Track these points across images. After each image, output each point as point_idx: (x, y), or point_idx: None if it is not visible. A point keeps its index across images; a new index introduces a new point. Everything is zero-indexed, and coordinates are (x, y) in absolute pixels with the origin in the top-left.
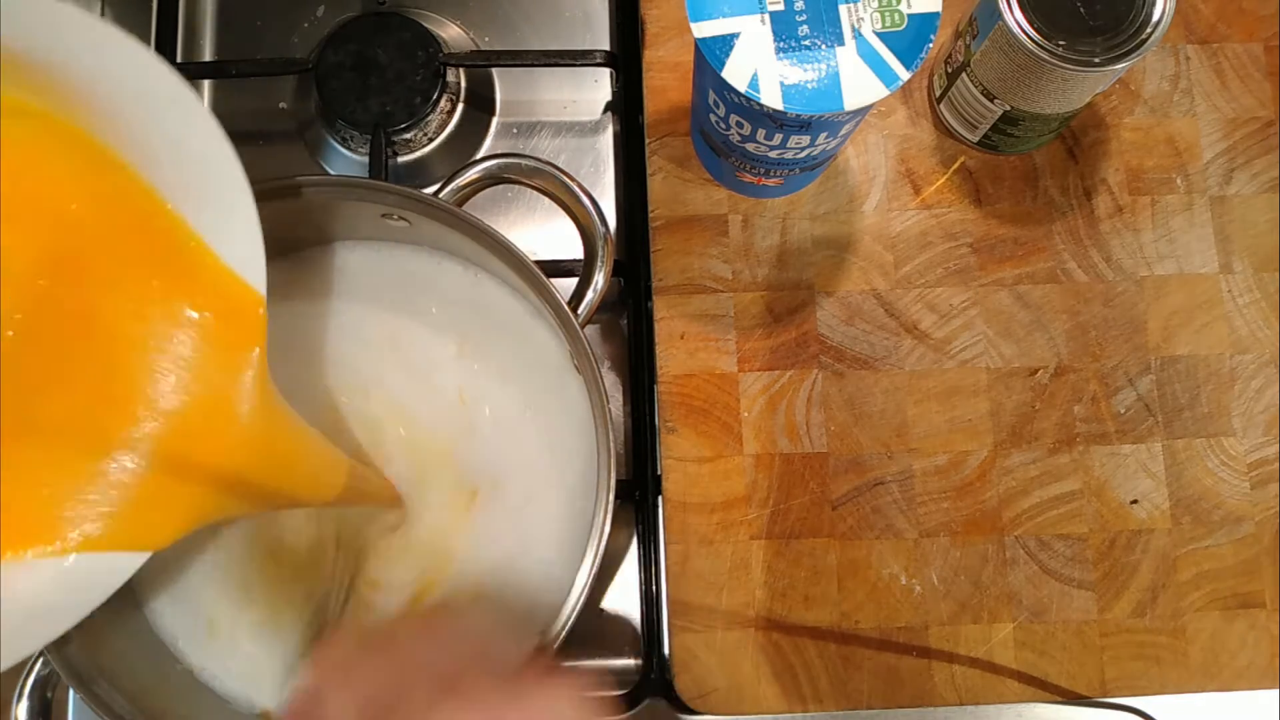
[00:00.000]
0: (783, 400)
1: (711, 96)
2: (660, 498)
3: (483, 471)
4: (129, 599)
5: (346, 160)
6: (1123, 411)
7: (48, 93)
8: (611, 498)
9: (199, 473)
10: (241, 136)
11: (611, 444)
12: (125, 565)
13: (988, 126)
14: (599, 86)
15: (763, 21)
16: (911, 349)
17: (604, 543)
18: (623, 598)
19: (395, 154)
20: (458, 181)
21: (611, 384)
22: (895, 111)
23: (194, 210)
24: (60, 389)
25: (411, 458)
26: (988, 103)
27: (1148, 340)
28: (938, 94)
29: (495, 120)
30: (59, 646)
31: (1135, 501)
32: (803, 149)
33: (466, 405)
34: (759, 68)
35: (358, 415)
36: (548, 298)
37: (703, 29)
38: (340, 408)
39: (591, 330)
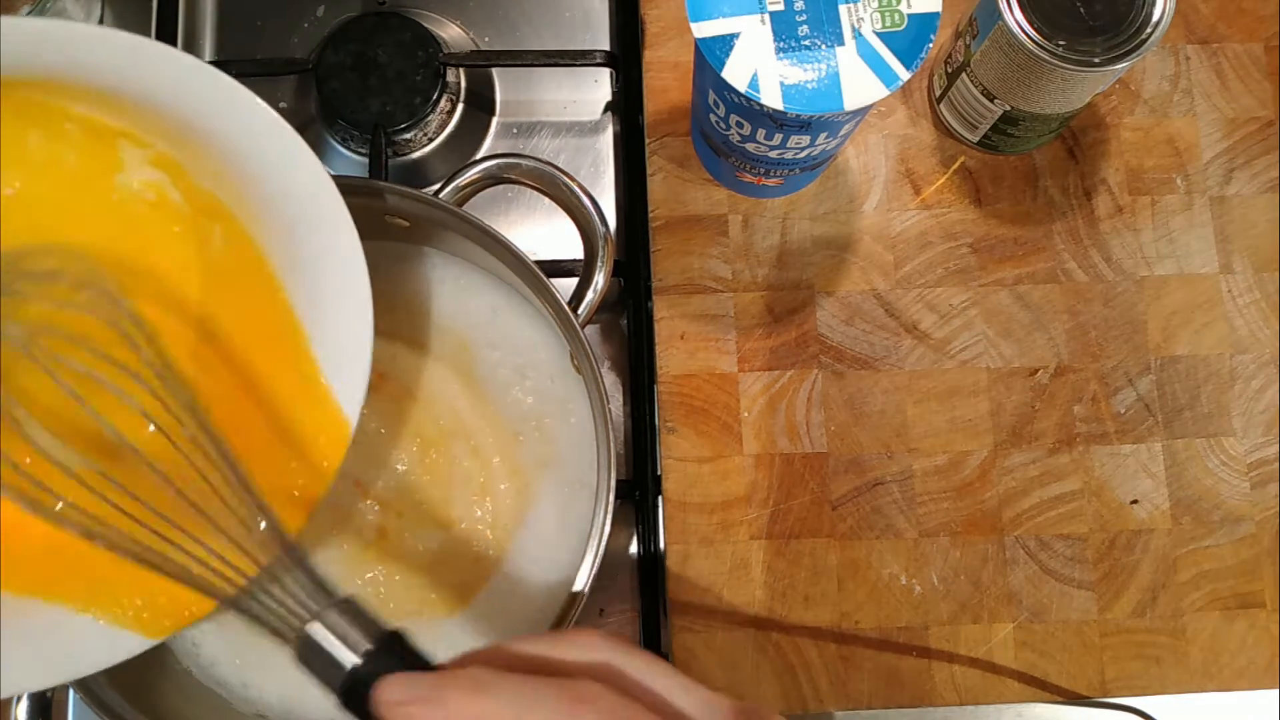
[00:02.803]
0: (783, 400)
1: (711, 96)
2: (660, 498)
3: (483, 471)
4: None
5: (346, 160)
6: (1123, 411)
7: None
8: (611, 498)
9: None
10: None
11: (611, 444)
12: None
13: (988, 126)
14: (599, 86)
15: (763, 21)
16: (911, 349)
17: (604, 543)
18: (623, 598)
19: (395, 154)
20: (458, 181)
21: (611, 384)
22: (895, 111)
23: (319, 342)
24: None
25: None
26: (988, 103)
27: (1148, 340)
28: (938, 94)
29: (495, 120)
30: None
31: (1135, 501)
32: (803, 149)
33: (465, 406)
34: (759, 68)
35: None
36: (548, 298)
37: (703, 29)
38: None
39: (591, 330)
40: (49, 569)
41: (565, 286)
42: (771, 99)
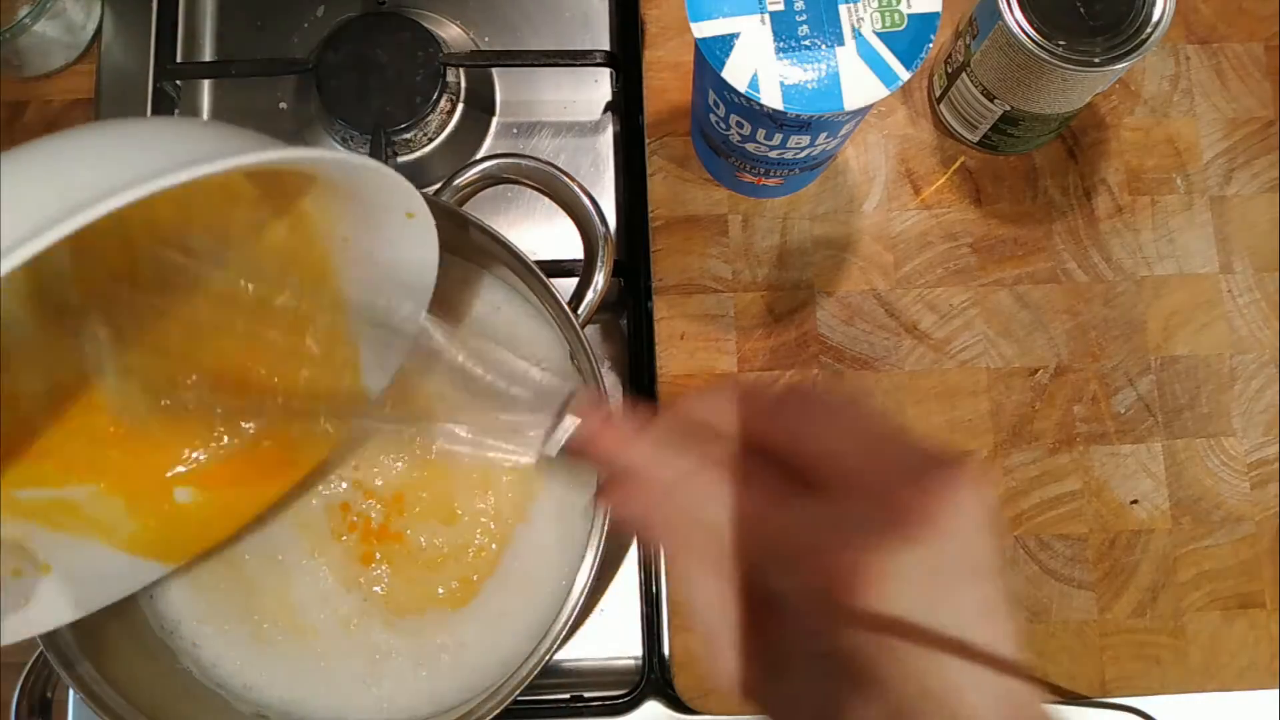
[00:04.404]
0: None
1: (711, 96)
2: None
3: (481, 470)
4: (130, 598)
5: None
6: (1123, 411)
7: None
8: None
9: None
10: None
11: None
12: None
13: (988, 126)
14: (599, 86)
15: (763, 21)
16: (911, 349)
17: (604, 542)
18: (623, 598)
19: (395, 154)
20: (458, 181)
21: (611, 384)
22: (895, 111)
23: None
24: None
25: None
26: (988, 103)
27: (1148, 340)
28: (938, 94)
29: (495, 120)
30: (60, 647)
31: (1135, 501)
32: (803, 149)
33: (466, 402)
34: (759, 68)
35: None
36: (548, 298)
37: (703, 29)
38: None
39: (591, 330)
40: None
41: (565, 286)
42: (771, 99)
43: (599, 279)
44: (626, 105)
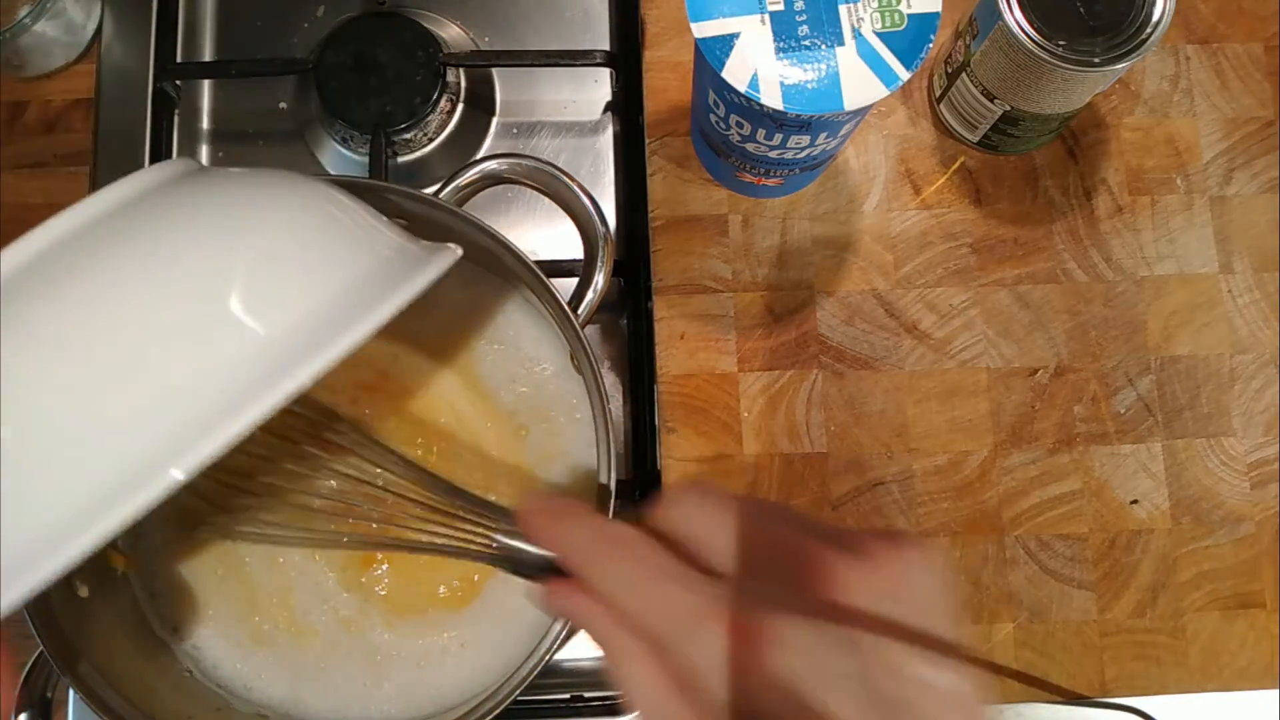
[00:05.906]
0: (783, 400)
1: (711, 96)
2: None
3: (483, 470)
4: (130, 599)
5: (346, 160)
6: (1123, 411)
7: None
8: (612, 498)
9: None
10: (241, 136)
11: (611, 444)
12: None
13: (988, 126)
14: (599, 86)
15: (763, 21)
16: (911, 349)
17: None
18: None
19: (395, 154)
20: (458, 181)
21: (611, 384)
22: (895, 111)
23: None
24: None
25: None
26: (988, 103)
27: (1148, 340)
28: (938, 94)
29: (495, 120)
30: (60, 647)
31: (1135, 501)
32: (803, 149)
33: (465, 406)
34: (759, 68)
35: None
36: (548, 298)
37: (703, 29)
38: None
39: (591, 330)
40: None
41: (565, 286)
42: (771, 99)
43: (599, 279)
44: (626, 105)
